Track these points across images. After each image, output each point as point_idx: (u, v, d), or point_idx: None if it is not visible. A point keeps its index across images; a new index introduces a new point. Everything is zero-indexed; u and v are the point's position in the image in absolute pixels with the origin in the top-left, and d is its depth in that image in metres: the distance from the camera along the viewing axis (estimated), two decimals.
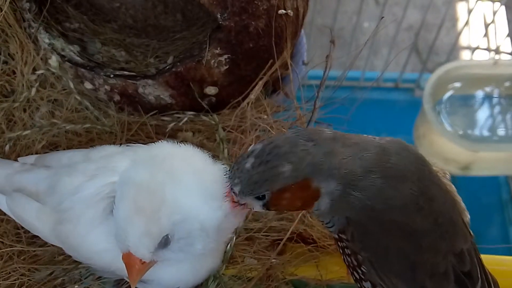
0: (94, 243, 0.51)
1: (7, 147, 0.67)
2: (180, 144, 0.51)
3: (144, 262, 0.47)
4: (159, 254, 0.47)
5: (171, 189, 0.47)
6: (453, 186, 0.50)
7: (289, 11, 0.65)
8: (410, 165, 0.46)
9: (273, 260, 0.58)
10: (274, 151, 0.43)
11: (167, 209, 0.46)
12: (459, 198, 0.50)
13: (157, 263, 0.49)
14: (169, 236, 0.47)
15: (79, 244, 0.52)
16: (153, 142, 0.54)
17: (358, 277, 0.51)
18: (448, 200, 0.48)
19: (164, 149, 0.51)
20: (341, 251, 0.51)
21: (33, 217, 0.55)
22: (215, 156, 0.63)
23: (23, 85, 0.69)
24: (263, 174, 0.43)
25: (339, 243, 0.51)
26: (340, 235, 0.49)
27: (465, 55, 1.42)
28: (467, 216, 0.50)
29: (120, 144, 0.59)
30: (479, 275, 0.48)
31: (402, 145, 0.47)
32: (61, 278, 0.60)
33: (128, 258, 0.47)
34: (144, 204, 0.46)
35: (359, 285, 0.51)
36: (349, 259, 0.50)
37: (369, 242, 0.47)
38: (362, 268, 0.49)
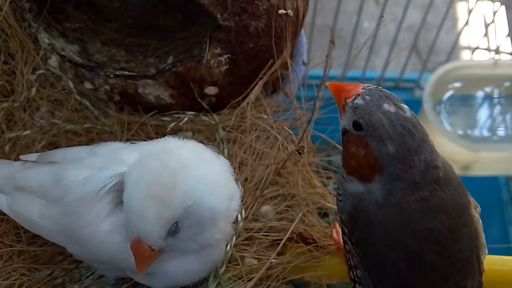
0: (100, 234, 0.51)
1: (7, 147, 0.67)
2: (185, 140, 0.53)
3: (153, 249, 0.47)
4: (168, 242, 0.48)
5: (183, 176, 0.47)
6: (480, 220, 0.49)
7: (289, 11, 0.65)
8: (456, 200, 0.45)
9: (273, 260, 0.58)
10: (406, 125, 0.43)
11: (179, 196, 0.46)
12: (482, 233, 0.49)
13: (163, 256, 0.50)
14: (179, 224, 0.47)
15: (84, 236, 0.52)
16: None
17: (352, 277, 0.50)
18: (473, 243, 0.47)
19: (172, 142, 0.52)
20: (343, 245, 0.51)
21: (35, 214, 0.55)
22: None
23: (23, 85, 0.69)
24: (384, 123, 0.43)
25: (343, 236, 0.51)
26: (344, 227, 0.49)
27: (465, 55, 1.41)
28: (485, 252, 0.49)
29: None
30: None
31: (456, 175, 0.47)
32: (61, 278, 0.60)
33: (137, 245, 0.47)
34: (157, 190, 0.46)
35: (352, 285, 0.51)
36: (347, 256, 0.50)
37: (370, 251, 0.47)
38: (358, 272, 0.49)
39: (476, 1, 1.05)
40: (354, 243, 0.48)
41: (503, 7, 1.20)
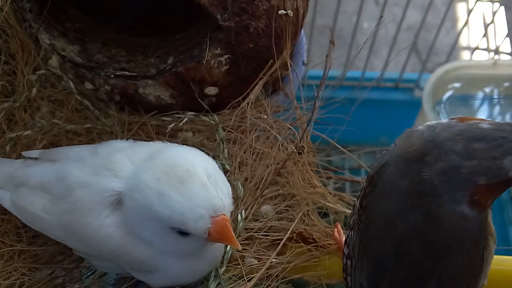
0: (103, 228, 0.51)
1: (7, 147, 0.67)
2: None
3: (228, 217, 0.47)
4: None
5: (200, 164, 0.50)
6: (493, 252, 0.49)
7: (289, 11, 0.65)
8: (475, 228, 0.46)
9: (273, 260, 0.58)
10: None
11: (194, 163, 0.49)
12: (489, 263, 0.48)
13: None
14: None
15: (87, 231, 0.52)
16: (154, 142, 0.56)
17: (346, 237, 0.51)
18: (473, 268, 0.47)
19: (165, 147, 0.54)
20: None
21: (38, 208, 0.55)
22: (215, 156, 0.63)
23: (23, 85, 0.69)
24: None
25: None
26: (365, 183, 0.49)
27: (464, 55, 1.42)
28: (484, 282, 0.48)
29: None
30: None
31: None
32: (62, 278, 0.60)
33: (216, 225, 0.46)
34: (177, 174, 0.47)
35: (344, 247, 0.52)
36: (351, 212, 0.51)
37: (370, 218, 0.47)
38: (351, 232, 0.50)
39: (476, 2, 1.05)
40: (364, 207, 0.47)
41: (503, 7, 1.20)
